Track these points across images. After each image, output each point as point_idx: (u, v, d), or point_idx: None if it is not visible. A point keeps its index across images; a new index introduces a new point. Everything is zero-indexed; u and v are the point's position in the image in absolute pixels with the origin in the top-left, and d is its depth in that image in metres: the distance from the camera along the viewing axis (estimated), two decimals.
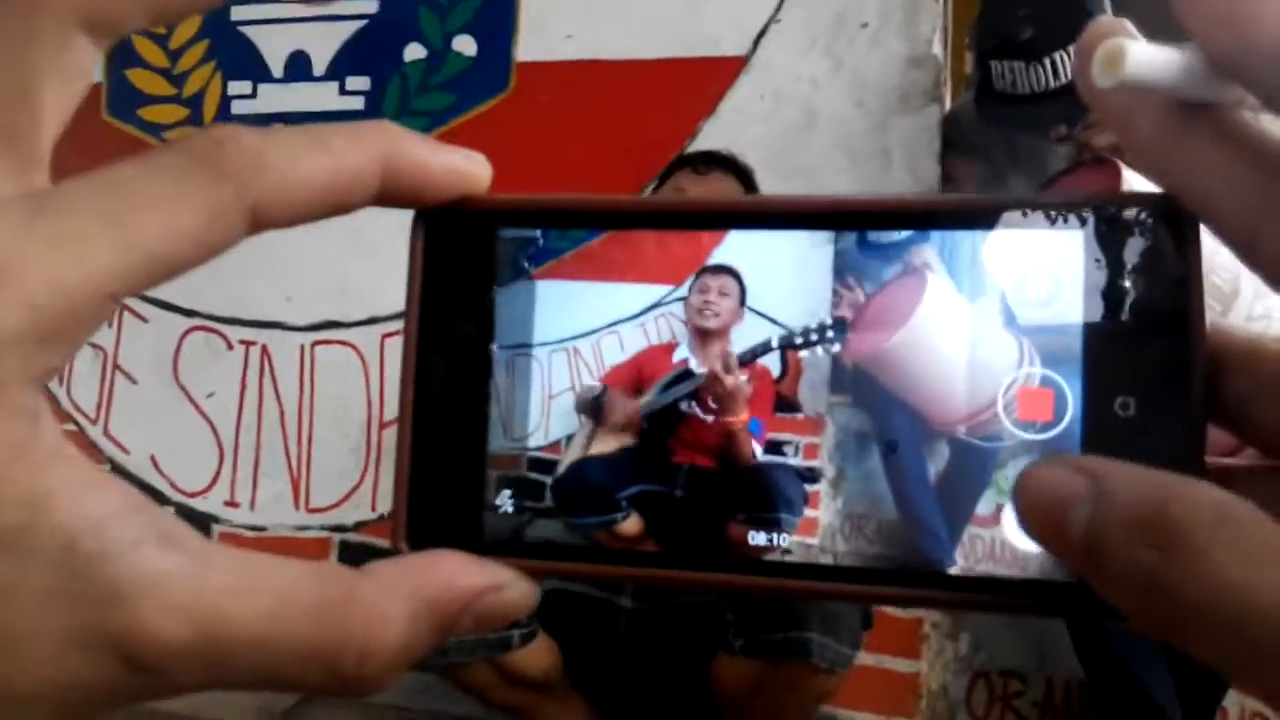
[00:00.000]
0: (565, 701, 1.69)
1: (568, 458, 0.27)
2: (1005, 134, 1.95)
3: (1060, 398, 0.24)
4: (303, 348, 2.40)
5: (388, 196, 0.23)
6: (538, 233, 0.27)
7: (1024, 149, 1.99)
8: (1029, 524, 0.21)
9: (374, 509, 2.33)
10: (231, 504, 2.40)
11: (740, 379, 0.26)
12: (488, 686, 1.60)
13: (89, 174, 0.20)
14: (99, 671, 0.19)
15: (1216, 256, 0.23)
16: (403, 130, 0.23)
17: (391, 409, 2.33)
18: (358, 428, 2.35)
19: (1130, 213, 0.24)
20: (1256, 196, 0.20)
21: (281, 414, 2.40)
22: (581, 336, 0.27)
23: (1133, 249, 0.23)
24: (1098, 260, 0.24)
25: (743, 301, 0.26)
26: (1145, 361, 0.23)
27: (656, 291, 0.27)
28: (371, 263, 2.12)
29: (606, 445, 0.27)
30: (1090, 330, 0.24)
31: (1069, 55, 1.67)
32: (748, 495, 0.26)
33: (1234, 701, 1.87)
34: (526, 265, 0.27)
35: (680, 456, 0.27)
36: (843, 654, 1.48)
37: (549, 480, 0.27)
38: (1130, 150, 0.22)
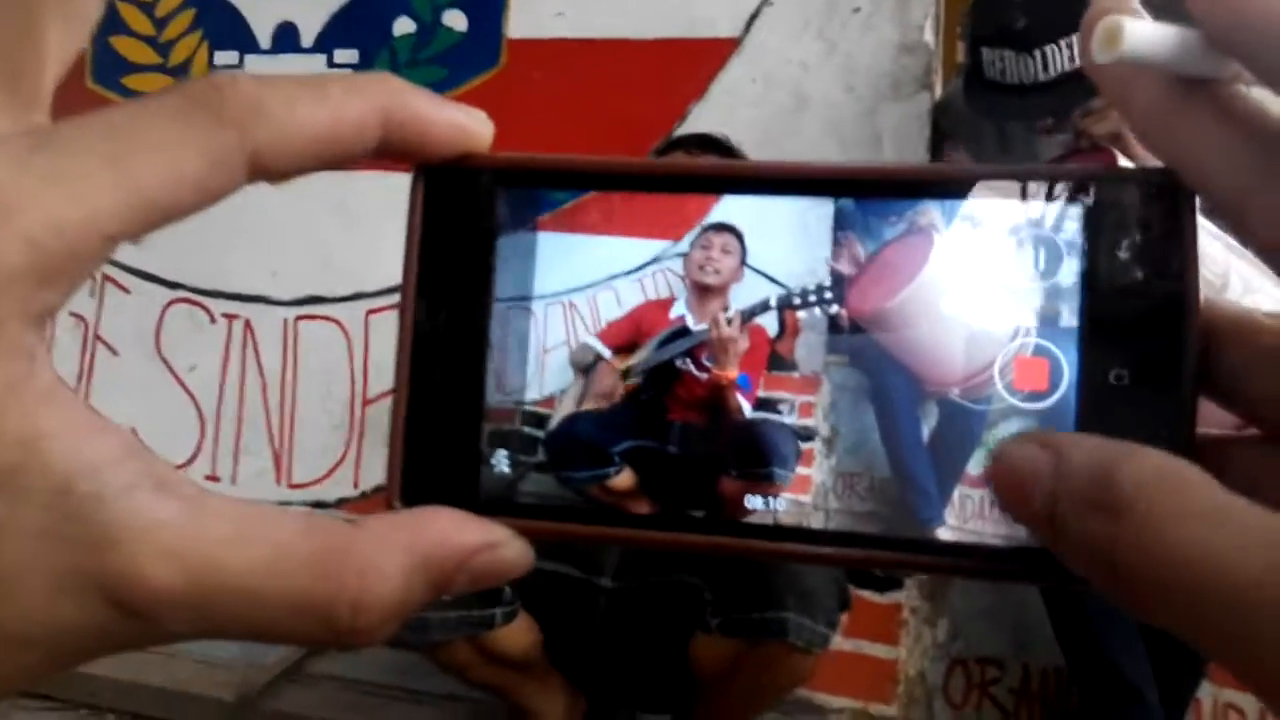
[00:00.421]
0: (544, 680, 1.70)
1: (560, 412, 0.27)
2: (993, 122, 1.95)
3: (1055, 367, 0.24)
4: (286, 322, 2.39)
5: (388, 149, 0.23)
6: (538, 189, 0.27)
7: (1014, 137, 1.99)
8: (1000, 498, 0.22)
9: (356, 486, 2.33)
10: (212, 478, 2.39)
11: (736, 332, 0.26)
12: (468, 665, 1.60)
13: (89, 114, 0.20)
14: (90, 615, 0.19)
15: (1207, 249, 0.24)
16: (405, 83, 0.23)
17: (376, 386, 2.33)
18: (341, 404, 2.34)
19: (1129, 186, 0.24)
20: (1251, 170, 0.21)
21: (264, 389, 2.39)
22: (578, 290, 0.27)
23: (1130, 222, 0.24)
24: (1096, 232, 0.24)
25: (743, 260, 0.26)
26: (1140, 333, 0.23)
27: (655, 246, 0.27)
28: (357, 238, 2.11)
29: (600, 400, 0.27)
30: (1086, 301, 0.24)
31: (1061, 49, 1.68)
32: (740, 450, 0.26)
33: (1207, 693, 1.90)
34: (526, 220, 0.27)
35: (674, 413, 0.27)
36: (819, 634, 1.49)
37: (541, 435, 0.27)
38: (1129, 124, 0.23)
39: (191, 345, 2.42)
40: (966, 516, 0.25)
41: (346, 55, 2.39)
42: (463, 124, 0.24)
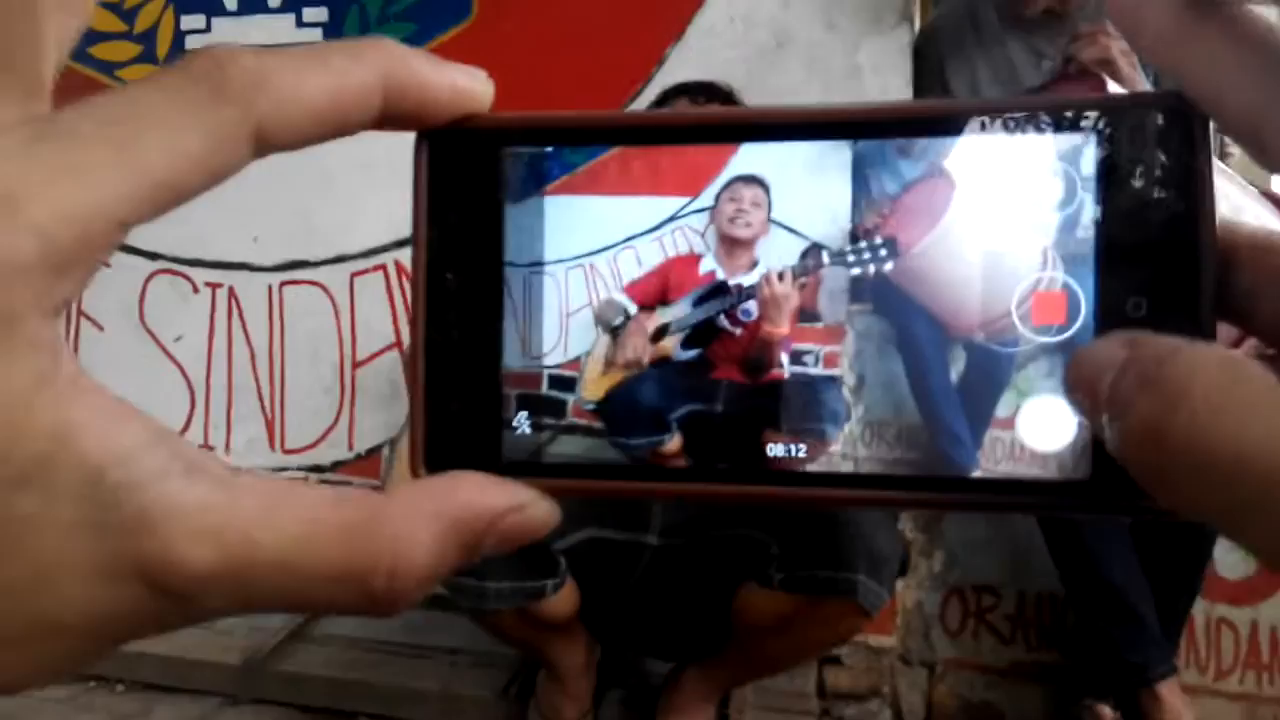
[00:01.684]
0: (571, 636, 1.72)
1: (588, 373, 0.27)
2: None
3: (1074, 300, 0.24)
4: (270, 288, 2.37)
5: (391, 116, 0.23)
6: (545, 150, 0.27)
7: (1003, 63, 1.98)
8: (1073, 391, 0.22)
9: (351, 448, 2.33)
10: (206, 448, 2.38)
11: (790, 288, 0.26)
12: (510, 628, 1.62)
13: (90, 99, 0.20)
14: (129, 600, 0.19)
15: None
16: (404, 47, 0.23)
17: (364, 348, 2.32)
18: (330, 368, 2.33)
19: (1140, 112, 0.24)
20: (1264, 91, 0.21)
21: (252, 356, 2.38)
22: (597, 252, 0.27)
23: (1143, 148, 0.24)
24: (1108, 160, 0.24)
25: (769, 213, 0.26)
26: (1156, 260, 0.23)
27: (673, 204, 0.27)
28: (338, 201, 2.08)
29: (634, 361, 0.27)
30: (1102, 231, 0.24)
31: None
32: (791, 408, 0.26)
33: (1200, 609, 1.94)
34: (535, 182, 0.27)
35: (720, 371, 0.27)
36: (882, 598, 1.51)
37: (584, 400, 0.27)
38: (1141, 50, 0.23)
39: (176, 316, 2.41)
40: (998, 459, 0.25)
41: (315, 14, 2.33)
42: (463, 86, 0.24)
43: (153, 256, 2.40)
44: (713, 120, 0.27)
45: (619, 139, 0.27)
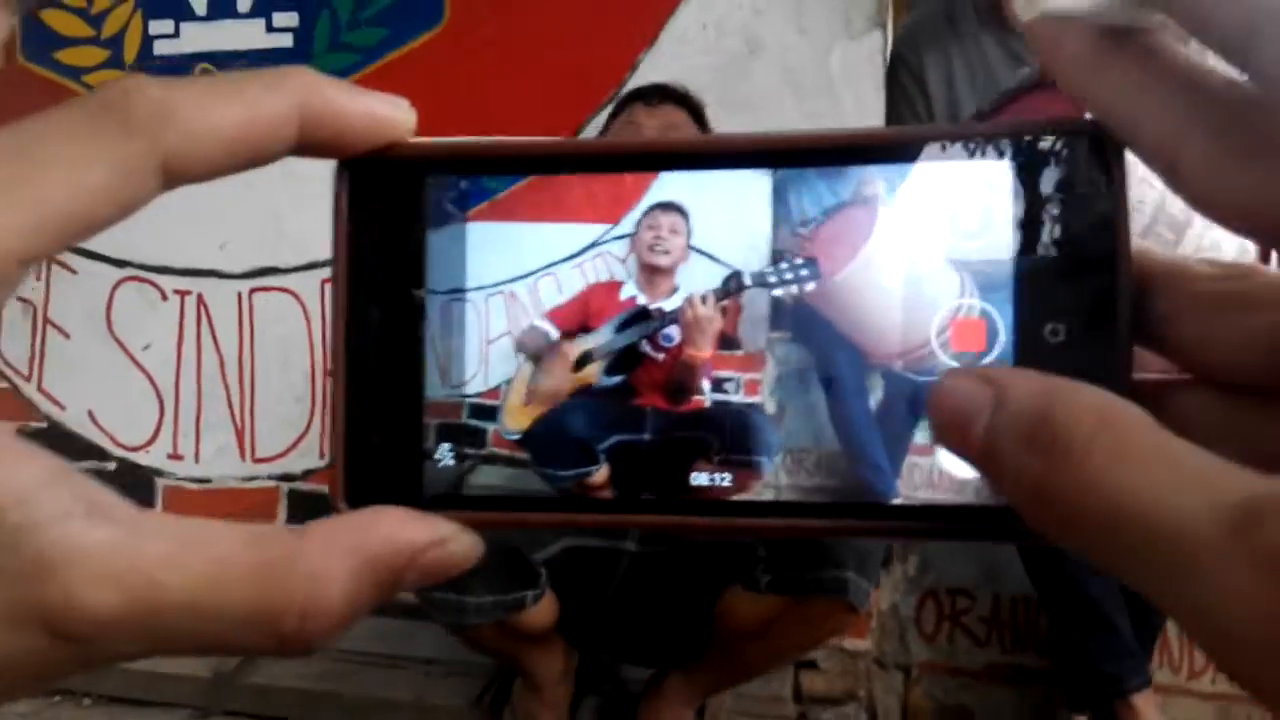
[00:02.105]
0: (548, 644, 1.71)
1: (510, 402, 0.27)
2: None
3: (992, 327, 0.24)
4: (240, 296, 2.35)
5: (307, 146, 0.23)
6: (466, 178, 0.26)
7: (979, 63, 1.99)
8: (939, 432, 0.21)
9: (322, 456, 2.31)
10: (175, 457, 2.37)
11: (712, 311, 0.26)
12: (489, 639, 1.61)
13: None
14: (30, 646, 0.19)
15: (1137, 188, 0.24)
16: (320, 76, 0.23)
17: None
18: (301, 375, 2.32)
19: (1056, 140, 0.24)
20: (1180, 120, 0.21)
21: (222, 364, 2.36)
22: (517, 279, 0.27)
23: (1059, 176, 0.24)
24: (1025, 188, 0.24)
25: (689, 239, 0.26)
26: (1074, 287, 0.24)
27: (593, 230, 0.27)
28: (308, 207, 2.07)
29: (556, 391, 0.27)
30: (1020, 259, 0.24)
31: None
32: (714, 435, 0.26)
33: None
34: (456, 210, 0.26)
35: (643, 399, 0.27)
36: (870, 594, 1.52)
37: (510, 429, 0.27)
38: (1057, 77, 0.23)
39: (144, 324, 2.38)
40: (916, 485, 0.25)
41: (285, 19, 2.32)
42: (381, 114, 0.24)
43: (120, 264, 2.37)
44: (632, 149, 0.27)
45: (539, 168, 0.26)
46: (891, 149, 0.25)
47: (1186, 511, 0.17)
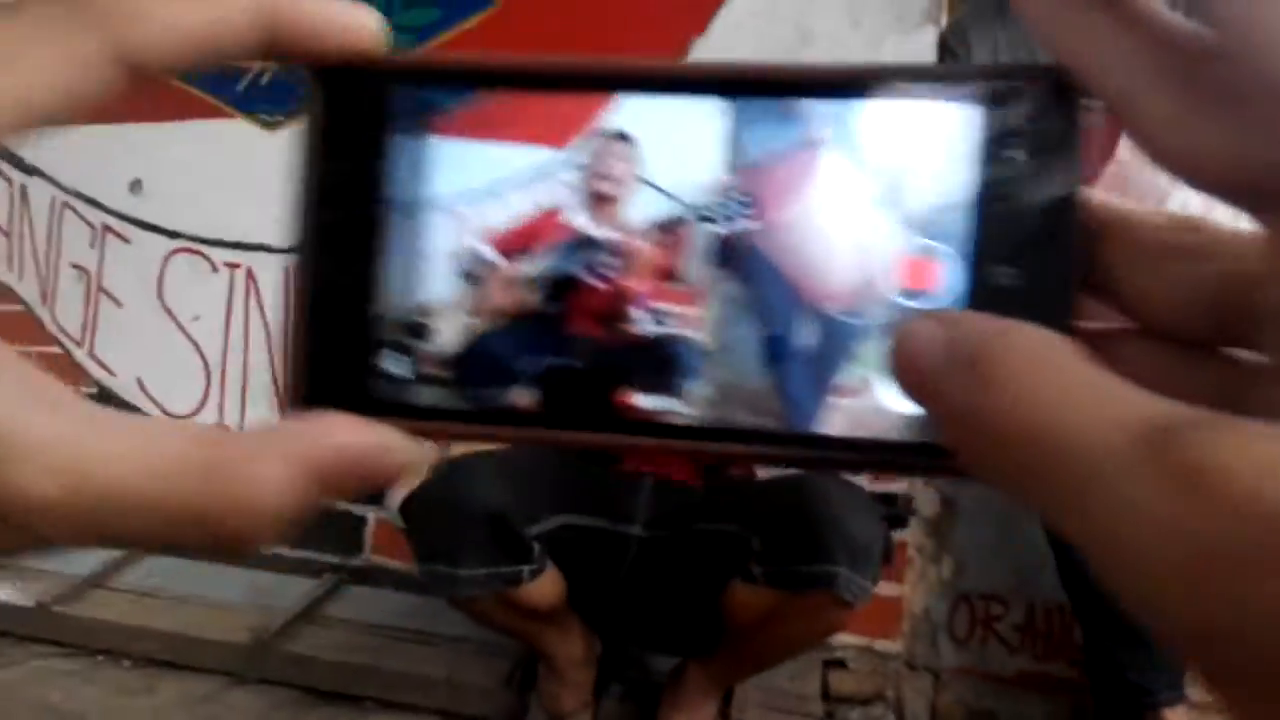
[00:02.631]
0: (563, 625, 1.73)
1: (452, 322, 0.27)
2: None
3: (943, 268, 0.24)
4: (288, 271, 2.38)
5: (273, 49, 0.23)
6: (433, 92, 0.27)
7: (1021, 37, 1.96)
8: (897, 374, 0.21)
9: None
10: (221, 428, 2.41)
11: (649, 243, 0.26)
12: (492, 615, 1.63)
13: None
14: None
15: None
16: None
17: None
18: None
19: (1020, 84, 0.24)
20: (1143, 73, 0.20)
21: (268, 337, 2.39)
22: (469, 196, 0.27)
23: (1019, 120, 0.24)
24: (984, 130, 0.24)
25: (638, 170, 0.26)
26: (1027, 231, 0.24)
27: (546, 155, 0.27)
28: None
29: (495, 311, 0.27)
30: (974, 201, 0.24)
31: None
32: (646, 365, 0.26)
33: None
34: (420, 125, 0.27)
35: (575, 326, 0.27)
36: (865, 589, 1.51)
37: (443, 348, 0.27)
38: (1027, 22, 0.23)
39: (194, 295, 2.43)
40: (848, 425, 0.25)
41: None
42: (351, 24, 0.24)
43: (173, 235, 2.42)
44: (587, 70, 0.27)
45: (500, 81, 0.26)
46: (851, 84, 0.25)
47: (1098, 427, 0.17)
